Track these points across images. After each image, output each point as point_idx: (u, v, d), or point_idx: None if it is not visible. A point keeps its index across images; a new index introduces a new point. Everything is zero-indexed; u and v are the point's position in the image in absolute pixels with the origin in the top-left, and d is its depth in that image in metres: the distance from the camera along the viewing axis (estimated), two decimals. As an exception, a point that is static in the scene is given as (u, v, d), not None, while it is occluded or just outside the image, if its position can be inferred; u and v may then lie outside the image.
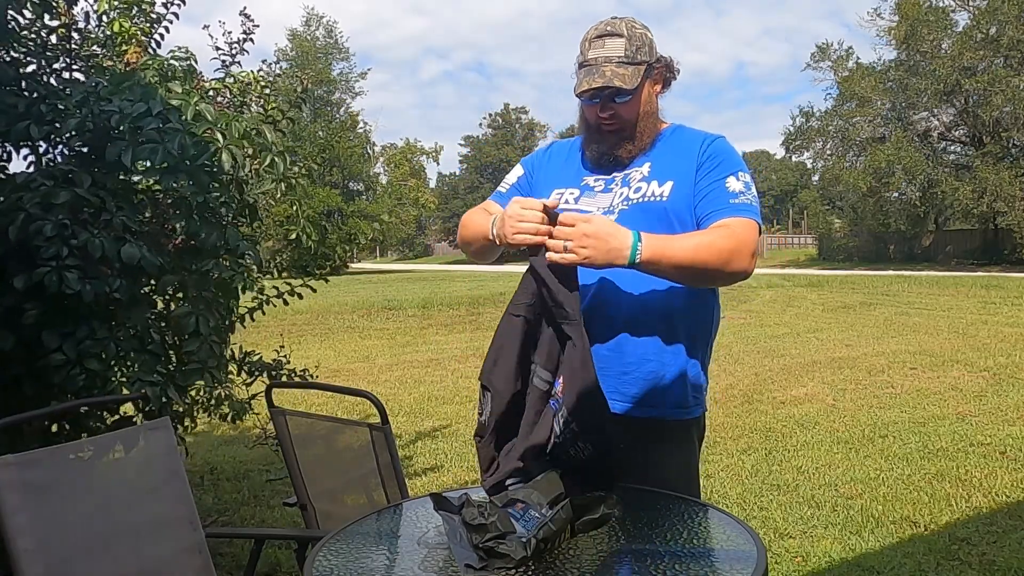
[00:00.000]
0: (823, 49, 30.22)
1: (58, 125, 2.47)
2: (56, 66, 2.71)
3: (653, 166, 1.72)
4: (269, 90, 3.29)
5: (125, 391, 2.56)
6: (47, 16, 2.65)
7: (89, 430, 2.62)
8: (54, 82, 2.68)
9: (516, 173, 1.89)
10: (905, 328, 10.39)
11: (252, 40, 3.31)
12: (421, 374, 8.03)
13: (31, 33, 2.64)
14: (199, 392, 3.42)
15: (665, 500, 1.60)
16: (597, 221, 1.49)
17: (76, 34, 2.77)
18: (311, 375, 3.74)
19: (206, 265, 2.67)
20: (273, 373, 3.46)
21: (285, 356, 3.63)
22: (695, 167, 1.69)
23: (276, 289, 3.45)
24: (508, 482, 1.48)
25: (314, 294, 3.70)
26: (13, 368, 2.43)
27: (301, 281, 3.57)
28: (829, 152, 30.42)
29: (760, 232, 1.65)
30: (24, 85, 2.55)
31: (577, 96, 1.70)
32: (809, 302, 14.50)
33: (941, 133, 28.52)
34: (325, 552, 1.34)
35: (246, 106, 3.24)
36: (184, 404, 3.28)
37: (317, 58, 40.38)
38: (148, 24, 3.13)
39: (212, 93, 3.12)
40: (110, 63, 2.95)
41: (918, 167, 25.86)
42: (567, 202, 1.73)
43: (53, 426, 2.65)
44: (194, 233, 2.59)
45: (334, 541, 1.39)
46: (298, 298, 3.57)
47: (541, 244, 1.47)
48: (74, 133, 2.53)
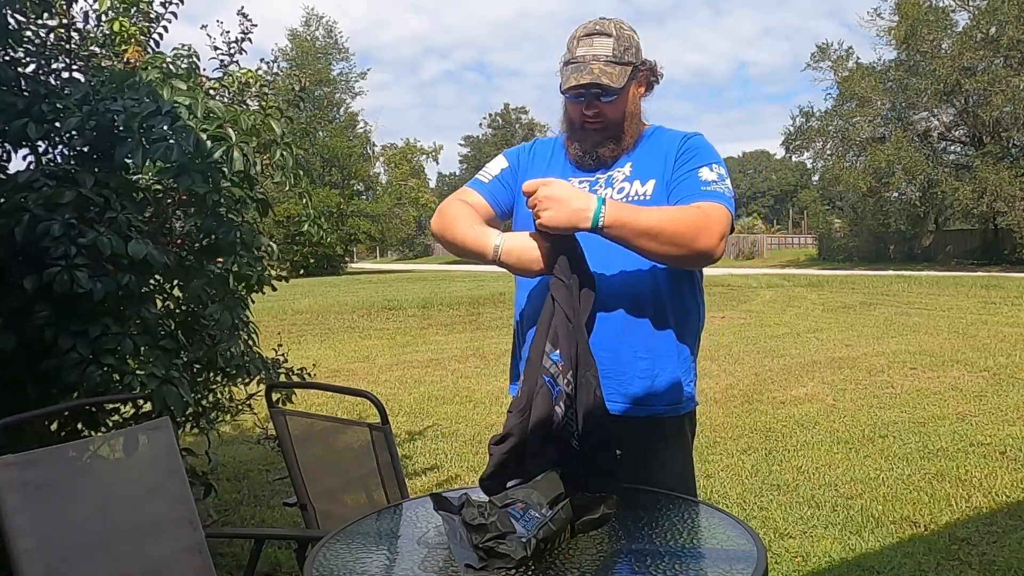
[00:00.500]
0: (823, 49, 30.24)
1: (57, 124, 2.47)
2: (55, 66, 2.71)
3: (635, 166, 1.74)
4: (268, 89, 3.29)
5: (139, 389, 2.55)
6: (46, 16, 2.65)
7: (92, 425, 2.63)
8: (53, 82, 2.67)
9: (499, 164, 1.86)
10: (905, 328, 10.39)
11: (250, 40, 3.30)
12: (421, 374, 8.03)
13: (30, 33, 2.64)
14: (223, 391, 3.43)
15: (665, 500, 1.60)
16: (558, 184, 1.51)
17: (75, 34, 2.77)
18: (309, 374, 3.74)
19: (228, 262, 2.66)
20: (272, 373, 3.46)
21: (284, 356, 3.63)
22: (672, 162, 1.71)
23: (270, 282, 3.42)
24: (509, 484, 1.48)
25: (314, 294, 3.71)
26: (14, 369, 2.42)
27: (292, 264, 3.56)
28: (829, 152, 30.42)
29: (732, 220, 1.65)
30: (23, 85, 2.55)
31: (563, 93, 1.70)
32: (809, 302, 14.50)
33: (941, 133, 28.52)
34: (325, 552, 1.34)
35: (245, 104, 3.23)
36: (202, 405, 3.29)
37: (317, 58, 40.37)
38: (147, 24, 3.13)
39: (212, 92, 3.11)
40: (109, 63, 2.94)
41: (918, 167, 25.86)
42: None
43: (53, 426, 2.65)
44: (211, 231, 2.59)
45: (334, 541, 1.39)
46: (285, 282, 3.55)
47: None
48: (75, 133, 2.53)
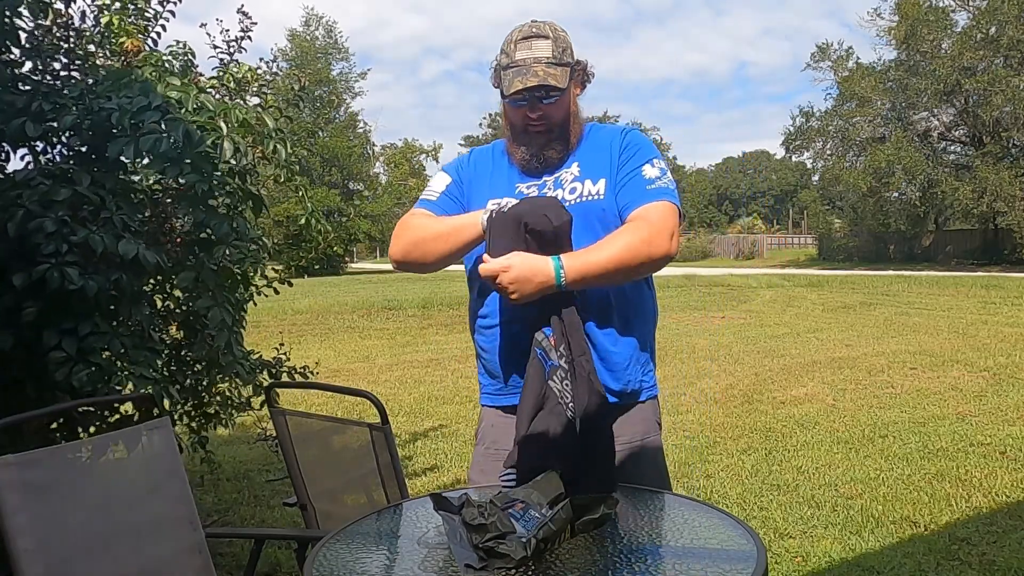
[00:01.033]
0: (823, 49, 30.25)
1: (55, 124, 2.46)
2: (53, 66, 2.70)
3: (581, 165, 1.76)
4: (267, 89, 3.28)
5: (128, 390, 2.55)
6: (42, 16, 2.64)
7: (92, 425, 2.62)
8: (50, 80, 2.67)
9: (443, 180, 1.84)
10: (905, 328, 10.39)
11: (250, 38, 3.29)
12: (421, 374, 8.02)
13: (27, 33, 2.63)
14: (228, 389, 3.43)
15: (665, 500, 1.61)
16: (515, 263, 1.52)
17: (72, 33, 2.76)
18: (311, 373, 3.74)
19: (218, 253, 2.65)
20: (273, 373, 3.46)
21: (284, 355, 3.63)
22: (617, 159, 1.75)
23: (266, 278, 3.41)
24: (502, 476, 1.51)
25: (314, 294, 3.72)
26: (13, 369, 2.42)
27: (289, 265, 3.57)
28: (829, 152, 30.43)
29: (680, 214, 1.69)
30: (20, 84, 2.54)
31: (506, 97, 1.71)
32: (809, 302, 14.50)
33: (941, 133, 28.52)
34: (325, 552, 1.34)
35: (245, 101, 3.23)
36: (194, 403, 3.28)
37: (317, 58, 40.37)
38: (144, 23, 3.12)
39: (210, 90, 3.11)
40: (108, 61, 2.94)
41: (918, 167, 25.86)
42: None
43: (53, 426, 2.65)
44: (203, 223, 2.58)
45: (334, 541, 1.39)
46: (288, 286, 3.55)
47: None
48: (72, 133, 2.52)
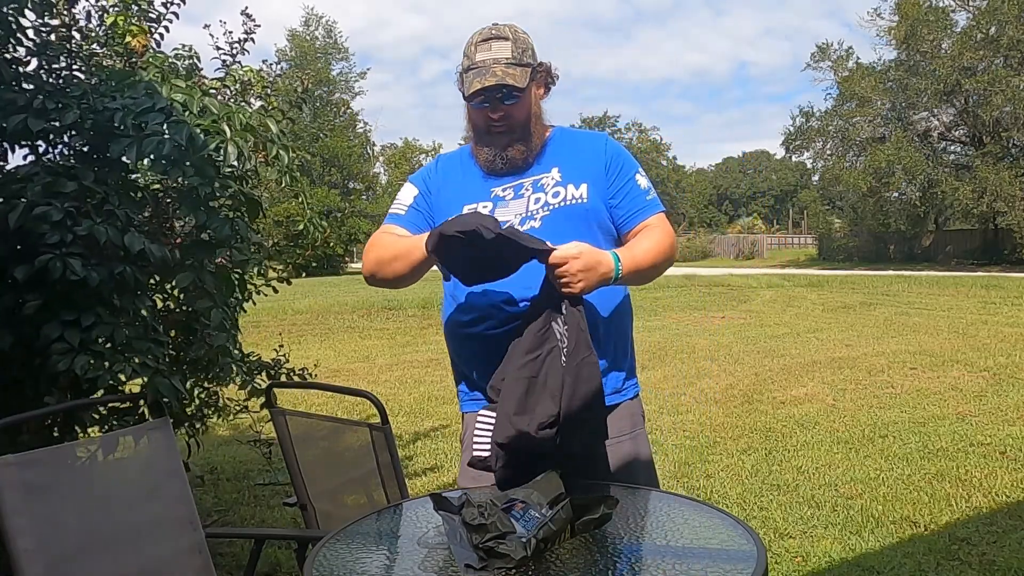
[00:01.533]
0: (823, 49, 30.24)
1: (57, 123, 2.46)
2: (56, 66, 2.71)
3: (562, 170, 1.78)
4: (269, 90, 3.28)
5: (129, 386, 2.55)
6: (47, 15, 2.65)
7: (92, 424, 2.62)
8: (54, 80, 2.67)
9: (410, 193, 1.86)
10: (905, 328, 10.38)
11: (253, 40, 3.30)
12: (421, 374, 8.02)
13: (31, 32, 2.63)
14: (213, 391, 3.42)
15: (665, 500, 1.61)
16: (584, 254, 1.55)
17: (77, 33, 2.76)
18: (310, 374, 3.74)
19: (219, 255, 2.65)
20: (272, 373, 3.45)
21: (284, 356, 3.62)
22: (603, 167, 1.78)
23: (263, 277, 3.39)
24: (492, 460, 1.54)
25: (314, 294, 3.71)
26: (13, 369, 2.42)
27: (294, 267, 3.55)
28: (829, 152, 30.41)
29: None
30: (23, 82, 2.54)
31: (467, 99, 1.73)
32: (809, 302, 14.50)
33: (941, 133, 28.50)
34: (325, 552, 1.34)
35: (247, 102, 3.23)
36: (194, 403, 3.27)
37: (317, 58, 40.38)
38: (147, 24, 3.12)
39: (213, 92, 3.11)
40: (110, 62, 2.94)
41: (918, 167, 25.84)
42: None
43: (53, 426, 2.65)
44: (204, 225, 2.57)
45: (334, 541, 1.39)
46: (287, 284, 3.54)
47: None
48: (74, 133, 2.52)
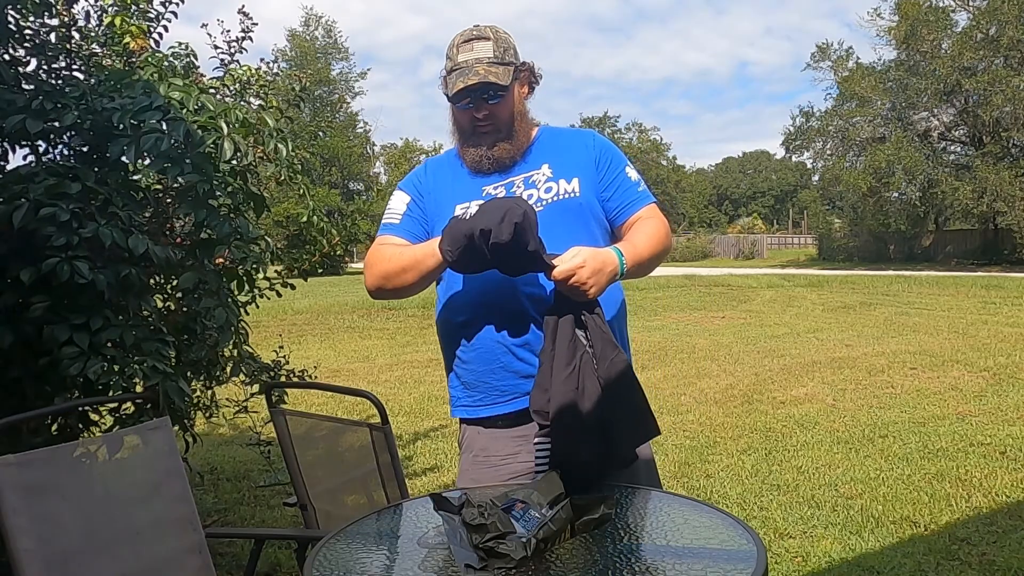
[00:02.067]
0: (823, 49, 30.24)
1: (56, 124, 2.46)
2: (55, 66, 2.71)
3: (552, 166, 1.78)
4: (267, 90, 3.28)
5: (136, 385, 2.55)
6: (46, 15, 2.65)
7: (93, 424, 2.62)
8: (53, 80, 2.67)
9: (402, 201, 1.83)
10: (905, 328, 10.38)
11: (251, 39, 3.30)
12: (421, 374, 8.02)
13: (31, 32, 2.63)
14: (206, 389, 3.41)
15: (665, 500, 1.61)
16: (588, 259, 1.55)
17: (76, 33, 2.76)
18: (310, 375, 3.73)
19: (219, 252, 2.65)
20: (272, 374, 3.45)
21: (284, 357, 3.62)
22: (593, 161, 1.79)
23: (268, 280, 3.41)
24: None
25: (314, 294, 3.70)
26: (13, 369, 2.42)
27: (291, 267, 3.54)
28: (829, 152, 30.40)
29: None
30: (23, 83, 2.54)
31: (451, 99, 1.73)
32: (809, 302, 14.50)
33: (941, 133, 28.49)
34: (325, 552, 1.34)
35: (248, 102, 3.23)
36: (192, 403, 3.28)
37: (316, 58, 40.36)
38: (147, 24, 3.13)
39: (212, 91, 3.11)
40: (109, 62, 2.94)
41: (918, 167, 25.84)
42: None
43: (53, 426, 2.65)
44: (204, 223, 2.57)
45: (334, 541, 1.39)
46: (291, 289, 3.54)
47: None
48: (74, 133, 2.52)
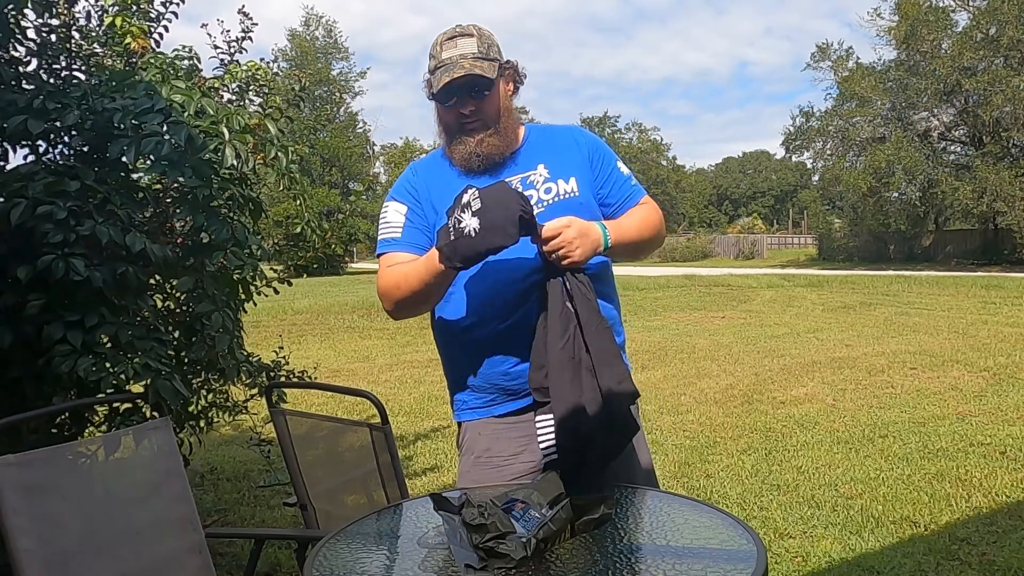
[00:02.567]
0: (823, 49, 30.24)
1: (57, 124, 2.46)
2: (56, 66, 2.71)
3: (549, 166, 1.78)
4: (267, 88, 3.28)
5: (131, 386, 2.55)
6: (47, 15, 2.64)
7: (92, 424, 2.62)
8: (54, 81, 2.67)
9: (399, 211, 1.78)
10: (905, 328, 10.38)
11: (251, 39, 3.30)
12: (421, 374, 8.02)
13: (31, 32, 2.63)
14: (222, 390, 3.42)
15: (665, 500, 1.61)
16: (574, 221, 1.58)
17: (77, 33, 2.76)
18: (310, 375, 3.73)
19: (218, 257, 2.65)
20: (272, 374, 3.45)
21: (284, 357, 3.62)
22: (586, 159, 1.81)
23: (265, 278, 3.40)
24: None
25: (314, 294, 3.70)
26: (13, 369, 2.42)
27: (288, 265, 3.54)
28: (829, 152, 30.39)
29: None
30: (23, 83, 2.54)
31: (436, 97, 1.72)
32: (809, 302, 14.50)
33: (941, 133, 28.48)
34: (325, 552, 1.34)
35: (249, 101, 3.23)
36: (201, 402, 3.28)
37: (317, 58, 40.37)
38: (147, 24, 3.13)
39: (212, 92, 3.11)
40: (110, 62, 2.94)
41: (918, 167, 25.83)
42: None
43: (53, 426, 2.65)
44: (202, 227, 2.57)
45: (334, 541, 1.39)
46: (288, 285, 3.54)
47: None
48: (75, 133, 2.52)
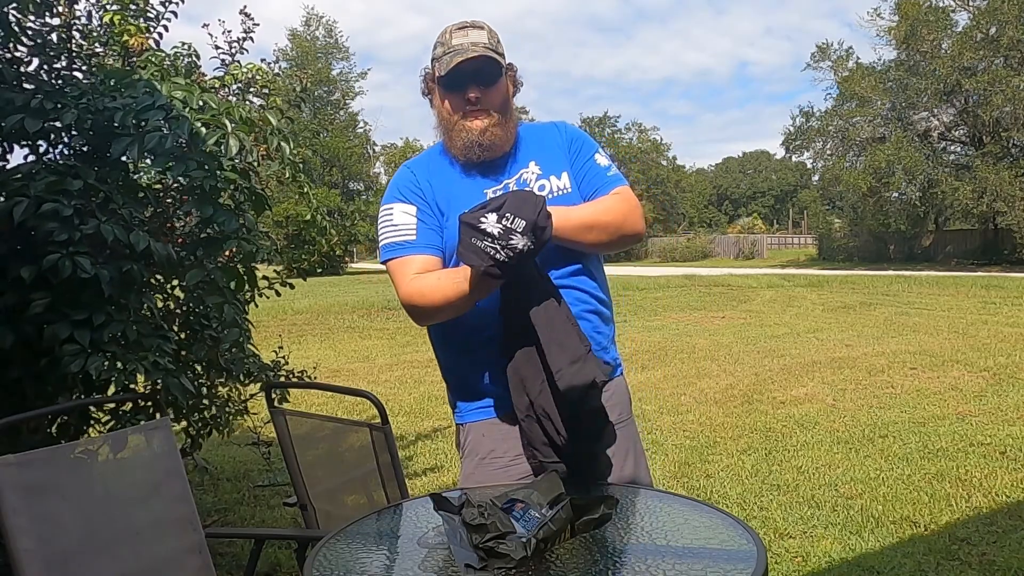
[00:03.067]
0: (823, 49, 30.24)
1: (57, 124, 2.46)
2: (56, 65, 2.71)
3: (540, 163, 1.79)
4: (268, 89, 3.29)
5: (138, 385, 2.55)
6: (48, 15, 2.65)
7: (92, 425, 2.62)
8: (54, 80, 2.67)
9: (407, 212, 1.75)
10: (905, 328, 10.38)
11: (252, 39, 3.31)
12: (421, 374, 8.02)
13: (32, 31, 2.63)
14: (229, 391, 3.42)
15: (665, 500, 1.61)
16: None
17: (77, 33, 2.76)
18: (310, 375, 3.74)
19: (227, 248, 2.64)
20: (272, 374, 3.46)
21: (284, 357, 3.62)
22: (567, 150, 1.81)
23: (267, 280, 3.41)
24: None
25: (314, 294, 3.70)
26: (13, 369, 2.42)
27: (291, 267, 3.55)
28: (829, 152, 30.39)
29: None
30: (24, 82, 2.54)
31: (442, 79, 1.70)
32: (809, 302, 14.50)
33: (941, 133, 28.48)
34: (325, 552, 1.34)
35: (250, 100, 3.23)
36: (215, 404, 3.28)
37: (317, 58, 40.38)
38: (146, 24, 3.13)
39: (213, 90, 3.12)
40: (110, 61, 2.94)
41: (918, 167, 25.83)
42: None
43: (54, 425, 2.65)
44: (211, 219, 2.56)
45: (334, 541, 1.39)
46: (290, 288, 3.54)
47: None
48: (75, 132, 2.52)
